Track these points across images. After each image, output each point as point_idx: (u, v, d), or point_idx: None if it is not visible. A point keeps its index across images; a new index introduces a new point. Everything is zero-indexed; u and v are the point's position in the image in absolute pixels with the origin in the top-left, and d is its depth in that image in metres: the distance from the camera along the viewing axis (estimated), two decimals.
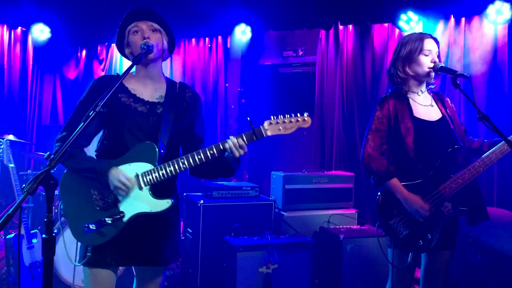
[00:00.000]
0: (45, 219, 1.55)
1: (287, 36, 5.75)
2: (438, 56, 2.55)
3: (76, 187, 2.04)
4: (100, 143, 2.13)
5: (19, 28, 5.63)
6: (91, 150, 2.14)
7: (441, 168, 2.46)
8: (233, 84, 5.78)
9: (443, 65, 2.48)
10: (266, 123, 2.00)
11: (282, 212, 4.22)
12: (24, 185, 1.53)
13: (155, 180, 2.00)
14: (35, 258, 3.62)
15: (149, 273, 2.17)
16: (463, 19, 4.64)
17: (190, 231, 4.10)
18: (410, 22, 4.75)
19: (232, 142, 1.98)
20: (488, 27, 4.52)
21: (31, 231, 3.72)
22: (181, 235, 4.20)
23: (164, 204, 2.01)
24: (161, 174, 1.99)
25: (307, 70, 5.67)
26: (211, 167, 2.10)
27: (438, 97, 2.67)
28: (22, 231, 3.64)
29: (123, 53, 2.20)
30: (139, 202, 2.00)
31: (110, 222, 1.97)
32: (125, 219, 1.99)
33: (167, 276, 4.04)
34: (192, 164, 2.00)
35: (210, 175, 2.19)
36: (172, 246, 2.16)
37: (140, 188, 2.00)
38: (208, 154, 1.99)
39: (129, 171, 2.01)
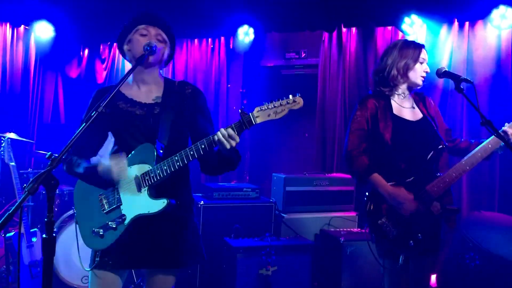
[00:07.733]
0: (46, 219, 1.55)
1: (290, 38, 5.73)
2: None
3: (86, 192, 2.09)
4: (112, 149, 2.15)
5: (22, 26, 5.61)
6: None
7: (427, 167, 2.48)
8: (235, 85, 5.76)
9: (447, 69, 2.49)
10: (256, 110, 1.92)
11: (282, 214, 4.21)
12: (25, 185, 1.52)
13: (152, 181, 1.98)
14: (34, 257, 3.62)
15: (158, 278, 2.12)
16: (467, 23, 4.62)
17: None
18: (414, 26, 4.74)
19: (221, 133, 1.92)
20: (492, 32, 4.50)
21: (31, 230, 3.71)
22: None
23: (160, 204, 1.96)
24: (157, 174, 1.97)
25: (310, 72, 5.65)
26: (211, 161, 2.08)
27: (419, 97, 2.69)
28: (22, 230, 3.63)
29: (121, 48, 2.20)
30: (137, 204, 1.99)
31: (114, 226, 1.99)
32: (126, 222, 1.99)
33: None
34: (186, 161, 1.95)
35: (215, 171, 2.17)
36: (185, 249, 2.11)
37: (139, 190, 2.00)
38: (200, 149, 1.95)
39: (130, 173, 2.02)
